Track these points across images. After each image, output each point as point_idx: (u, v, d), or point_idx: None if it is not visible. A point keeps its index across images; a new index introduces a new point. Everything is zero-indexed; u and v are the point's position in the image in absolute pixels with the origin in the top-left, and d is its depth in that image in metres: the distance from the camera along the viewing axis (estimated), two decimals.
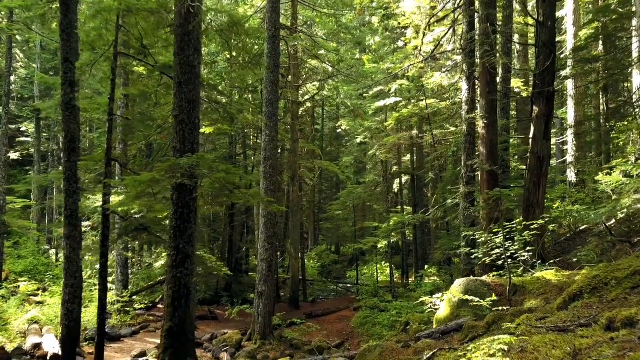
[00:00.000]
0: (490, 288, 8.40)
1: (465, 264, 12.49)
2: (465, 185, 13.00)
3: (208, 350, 13.05)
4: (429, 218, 14.41)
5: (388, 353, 7.36)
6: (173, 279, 6.75)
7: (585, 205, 19.35)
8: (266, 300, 14.00)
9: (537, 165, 12.30)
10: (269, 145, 14.16)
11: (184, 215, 6.83)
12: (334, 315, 19.58)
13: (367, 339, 15.75)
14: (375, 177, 26.39)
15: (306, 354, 14.04)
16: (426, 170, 23.24)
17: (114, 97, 9.38)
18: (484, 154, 12.54)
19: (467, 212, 12.78)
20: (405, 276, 26.40)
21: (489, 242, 8.80)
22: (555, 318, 4.82)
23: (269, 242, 14.06)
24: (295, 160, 20.86)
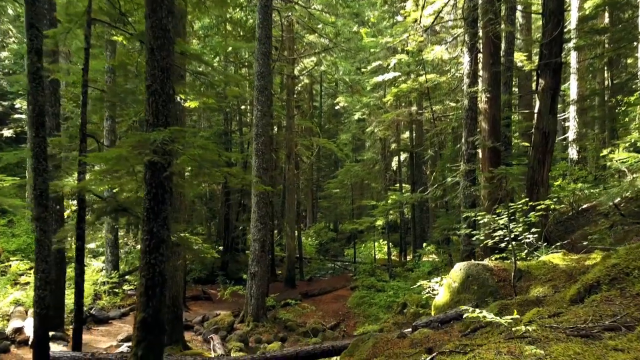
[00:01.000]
0: (492, 273, 7.73)
1: (465, 244, 11.82)
2: (466, 163, 12.25)
3: (198, 333, 12.47)
4: (427, 197, 13.70)
5: (382, 344, 6.71)
6: (147, 266, 6.05)
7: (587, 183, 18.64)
8: (259, 282, 13.39)
9: (542, 142, 11.54)
10: (261, 121, 13.38)
11: (157, 196, 6.09)
12: (330, 294, 19.02)
13: (364, 320, 15.21)
14: (374, 155, 25.61)
15: (300, 336, 13.50)
16: (425, 148, 22.47)
17: (87, 67, 8.58)
18: (486, 129, 11.76)
19: (468, 191, 12.06)
20: (403, 254, 25.83)
21: (492, 223, 8.10)
22: (573, 316, 4.13)
23: (261, 222, 13.38)
24: (291, 137, 20.06)
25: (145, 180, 6.21)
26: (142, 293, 6.12)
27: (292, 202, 20.45)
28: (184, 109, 14.91)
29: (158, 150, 6.00)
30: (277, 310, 14.98)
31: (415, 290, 15.26)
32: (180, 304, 10.70)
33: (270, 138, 16.47)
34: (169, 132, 5.76)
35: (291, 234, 20.27)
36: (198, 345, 11.81)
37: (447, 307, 7.97)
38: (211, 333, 12.23)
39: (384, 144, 25.09)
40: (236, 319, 13.85)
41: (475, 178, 12.34)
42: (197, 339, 12.22)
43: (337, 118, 40.42)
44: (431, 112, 18.99)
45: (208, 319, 13.53)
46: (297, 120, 24.62)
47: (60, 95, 11.66)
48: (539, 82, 12.17)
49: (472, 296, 7.63)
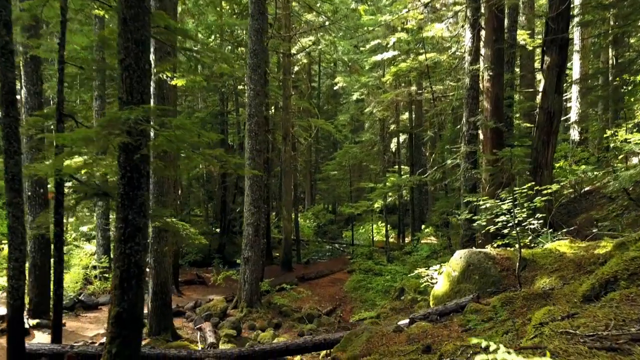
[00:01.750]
0: (495, 262, 7.21)
1: (466, 229, 11.31)
2: (467, 144, 11.67)
3: (190, 320, 12.02)
4: (426, 180, 13.15)
5: (377, 339, 6.22)
6: (121, 256, 5.53)
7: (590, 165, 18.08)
8: (253, 266, 12.91)
9: (546, 122, 10.94)
10: (254, 100, 12.75)
11: (133, 180, 5.53)
12: (327, 278, 18.59)
13: (360, 305, 14.78)
14: (372, 136, 24.98)
15: (295, 322, 13.06)
16: (425, 128, 21.84)
17: (64, 42, 7.95)
18: (489, 109, 11.15)
19: (468, 174, 11.50)
20: (402, 236, 25.38)
21: (494, 208, 7.56)
22: (591, 319, 3.60)
23: (255, 206, 12.85)
24: (288, 118, 19.42)
25: (119, 163, 5.65)
26: (117, 285, 5.61)
27: (289, 185, 19.90)
28: (174, 89, 14.28)
29: (133, 131, 5.43)
30: (272, 295, 14.54)
31: (413, 274, 14.82)
32: (169, 290, 10.23)
33: (264, 119, 15.85)
34: (142, 111, 5.17)
35: (288, 217, 19.77)
36: (189, 333, 11.37)
37: (447, 298, 7.47)
38: (203, 320, 11.78)
39: (383, 125, 24.45)
40: (229, 304, 13.40)
41: (476, 160, 11.77)
42: (189, 325, 11.78)
43: (336, 99, 39.65)
44: (431, 92, 18.33)
45: (200, 304, 13.08)
46: (294, 100, 23.94)
47: (42, 73, 11.01)
48: (544, 59, 11.52)
49: (473, 286, 7.12)
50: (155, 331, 9.99)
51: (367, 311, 12.31)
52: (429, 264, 14.77)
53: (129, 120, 5.21)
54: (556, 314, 4.09)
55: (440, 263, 8.63)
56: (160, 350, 7.14)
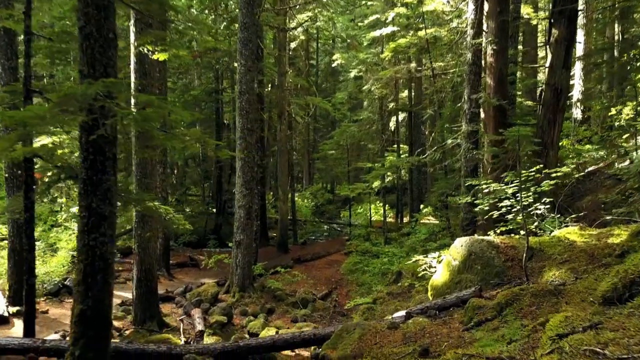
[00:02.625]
0: (499, 251, 6.59)
1: (466, 212, 10.68)
2: (468, 123, 10.97)
3: (179, 306, 11.49)
4: (426, 160, 12.47)
5: (370, 337, 5.63)
6: (85, 249, 4.92)
7: (594, 144, 17.39)
8: (245, 250, 12.33)
9: (553, 99, 10.24)
10: (245, 76, 12.00)
11: (96, 163, 4.88)
12: (323, 259, 18.05)
13: (357, 288, 14.26)
14: (370, 115, 24.19)
15: (289, 306, 12.54)
16: (424, 106, 21.06)
17: (29, 10, 7.21)
18: (492, 86, 10.42)
19: (469, 154, 10.82)
20: (400, 216, 24.83)
21: (498, 192, 6.92)
22: (621, 333, 2.99)
23: (247, 187, 12.21)
24: (283, 95, 18.64)
25: (81, 144, 4.99)
26: (80, 281, 5.00)
27: (284, 165, 19.23)
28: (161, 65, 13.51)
29: (95, 109, 4.75)
30: (266, 278, 14.00)
31: (410, 263, 14.26)
32: (155, 277, 9.65)
33: (257, 96, 15.11)
34: (102, 85, 4.48)
35: (284, 198, 19.16)
36: (178, 320, 10.84)
37: (446, 289, 6.88)
38: (193, 306, 11.24)
39: (382, 103, 23.65)
40: (221, 288, 12.87)
41: (477, 140, 11.08)
42: (178, 312, 11.24)
43: (335, 76, 38.72)
44: (431, 69, 17.51)
45: (191, 289, 12.53)
46: (291, 78, 23.11)
47: (17, 47, 10.26)
48: (551, 32, 10.73)
49: (474, 277, 6.52)
50: (140, 320, 9.44)
51: (362, 297, 11.77)
52: (427, 247, 14.22)
53: (87, 96, 4.53)
54: (575, 321, 3.47)
55: (439, 250, 8.00)
56: (138, 345, 6.58)
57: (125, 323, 9.57)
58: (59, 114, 4.37)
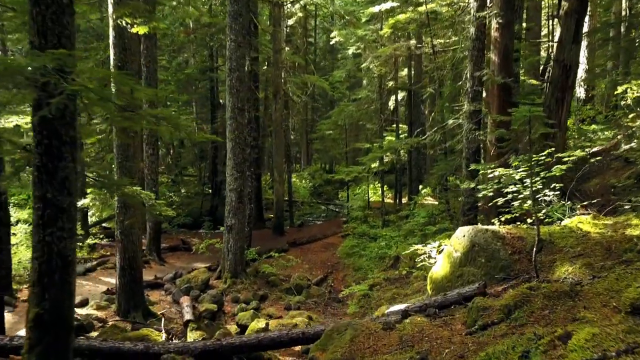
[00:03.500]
0: (505, 242, 5.98)
1: (467, 196, 10.05)
2: (471, 102, 10.26)
3: (168, 293, 10.95)
4: (425, 142, 11.79)
5: (363, 339, 5.06)
6: (40, 245, 4.31)
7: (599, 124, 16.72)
8: (237, 235, 11.76)
9: (561, 76, 9.52)
10: (235, 53, 11.26)
11: (52, 148, 4.24)
12: (319, 242, 17.50)
13: (353, 273, 13.72)
14: (369, 94, 23.36)
15: (283, 292, 12.02)
16: (424, 84, 20.28)
17: None
18: (496, 62, 9.70)
19: (472, 135, 10.14)
20: (398, 196, 24.24)
21: (505, 178, 6.28)
22: None
23: (238, 170, 11.57)
24: (278, 73, 17.85)
25: (33, 126, 4.33)
26: (36, 281, 4.40)
27: (280, 145, 18.54)
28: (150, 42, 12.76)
29: (50, 86, 4.09)
30: (260, 263, 13.45)
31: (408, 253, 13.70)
32: (139, 265, 9.07)
33: (250, 74, 14.36)
34: (50, 58, 3.80)
35: (279, 179, 18.52)
36: (166, 308, 10.31)
37: (447, 282, 6.29)
38: (182, 293, 10.72)
39: (381, 81, 22.82)
40: (213, 274, 12.33)
41: (480, 120, 10.40)
42: (166, 299, 10.71)
43: (333, 55, 37.72)
44: (431, 45, 16.69)
45: (181, 275, 11.98)
46: (288, 56, 22.26)
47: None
48: (560, 5, 9.97)
49: (478, 271, 5.92)
50: (124, 310, 8.91)
51: (359, 283, 11.23)
52: (425, 231, 13.64)
53: (35, 70, 3.85)
54: (605, 341, 2.87)
55: (438, 238, 7.38)
56: (113, 342, 6.03)
57: (109, 313, 9.04)
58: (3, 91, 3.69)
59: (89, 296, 10.08)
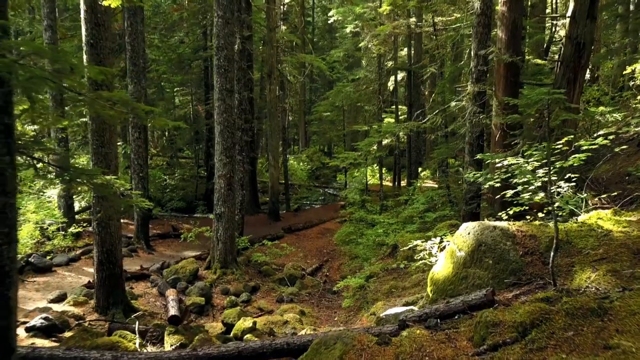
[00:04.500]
0: (515, 242, 5.25)
1: (470, 183, 9.29)
2: (475, 83, 9.44)
3: (154, 285, 10.28)
4: (426, 126, 10.99)
5: (354, 356, 4.36)
6: None
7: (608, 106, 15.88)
8: (226, 223, 11.05)
9: (574, 55, 8.68)
10: (223, 30, 10.40)
11: None
12: (316, 228, 16.85)
13: (349, 262, 13.07)
14: (367, 74, 22.45)
15: (275, 283, 11.38)
16: (424, 65, 19.37)
17: None
18: (504, 39, 8.85)
19: (476, 119, 9.35)
20: (397, 179, 23.53)
21: (518, 169, 5.54)
22: None
23: (227, 155, 10.82)
24: (273, 53, 16.94)
25: None
26: None
27: (275, 128, 17.73)
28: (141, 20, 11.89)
29: None
30: (252, 251, 12.79)
31: (407, 228, 13.01)
32: (118, 259, 8.37)
33: (241, 53, 13.49)
34: None
35: (274, 163, 17.75)
36: (151, 302, 9.67)
37: (449, 284, 5.58)
38: (169, 285, 10.06)
39: (380, 61, 21.89)
40: (202, 263, 11.67)
41: (485, 102, 9.59)
42: (152, 292, 10.05)
43: (332, 34, 36.63)
44: (432, 23, 15.77)
45: (169, 265, 11.31)
46: (284, 35, 21.30)
47: None
48: None
49: (485, 273, 5.21)
50: (103, 306, 8.25)
51: (355, 272, 10.57)
52: (425, 219, 12.94)
53: None
54: None
55: (441, 236, 6.64)
56: (78, 352, 5.35)
57: (87, 309, 8.37)
58: None
59: (69, 290, 9.41)
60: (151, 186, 21.95)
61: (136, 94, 12.52)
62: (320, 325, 8.93)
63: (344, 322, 9.20)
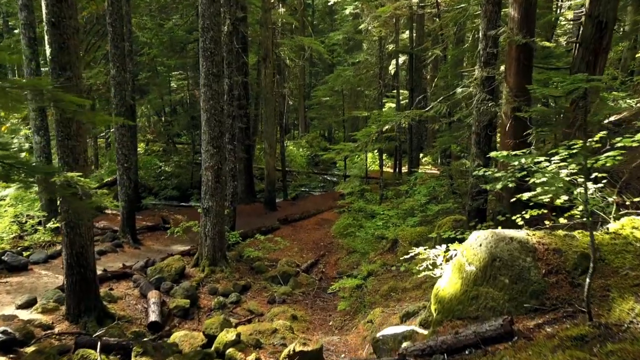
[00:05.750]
0: (536, 257, 4.36)
1: (477, 177, 8.35)
2: (483, 67, 8.44)
3: (137, 285, 9.45)
4: (429, 114, 10.02)
5: None
6: None
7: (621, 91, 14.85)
8: (215, 218, 10.19)
9: (594, 36, 7.68)
10: (208, 9, 9.41)
11: None
12: (313, 219, 16.00)
13: (347, 256, 12.24)
14: (368, 57, 21.34)
15: (268, 282, 10.55)
16: (426, 48, 18.27)
17: None
18: (516, 18, 7.85)
19: (484, 106, 8.38)
20: (398, 164, 22.60)
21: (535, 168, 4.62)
22: None
23: (214, 145, 9.90)
24: (268, 35, 15.90)
25: None
26: None
27: (270, 114, 16.75)
28: None
29: None
30: (244, 246, 11.94)
31: (408, 222, 12.13)
32: (90, 262, 7.50)
33: (231, 35, 12.47)
34: None
35: (270, 151, 16.83)
36: (132, 304, 8.85)
37: (457, 304, 4.71)
38: (152, 286, 9.24)
39: (381, 44, 20.77)
40: (191, 259, 10.85)
41: (494, 89, 8.61)
42: (133, 293, 9.21)
43: (332, 17, 35.32)
44: (436, 4, 14.69)
45: (153, 263, 10.45)
46: (280, 16, 20.18)
47: None
48: None
49: (500, 294, 4.34)
50: (74, 314, 7.43)
51: (349, 277, 9.69)
52: (427, 212, 12.06)
53: None
54: None
55: (447, 244, 5.74)
56: None
57: (57, 317, 7.55)
58: None
59: (43, 292, 8.58)
60: (146, 174, 21.10)
61: (119, 79, 11.55)
62: (314, 332, 8.12)
63: (339, 327, 8.38)
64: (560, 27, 23.18)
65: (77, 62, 7.04)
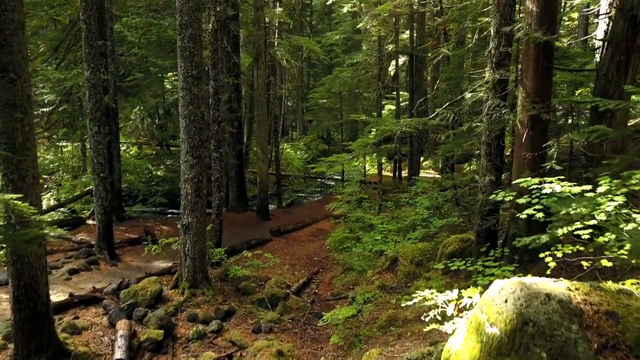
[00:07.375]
0: (583, 324, 3.21)
1: (488, 194, 7.21)
2: (495, 69, 7.30)
3: (106, 312, 8.33)
4: (434, 123, 8.88)
5: None
6: None
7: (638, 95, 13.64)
8: (195, 236, 9.07)
9: (626, 32, 6.53)
10: (186, 4, 8.28)
11: None
12: (308, 229, 14.87)
13: (343, 275, 11.11)
14: (366, 58, 20.22)
15: (254, 305, 9.44)
16: (427, 48, 17.15)
17: None
18: (535, 12, 6.70)
19: (496, 113, 7.24)
20: (398, 168, 21.50)
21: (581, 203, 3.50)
22: None
23: (193, 155, 8.78)
24: (260, 34, 14.77)
25: None
26: None
27: (262, 117, 15.62)
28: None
29: None
30: (231, 263, 10.81)
31: (409, 237, 11.01)
32: (42, 295, 6.38)
33: (216, 32, 11.33)
34: None
35: (263, 157, 15.71)
36: (97, 336, 7.73)
37: None
38: (123, 314, 8.12)
39: (380, 45, 19.65)
40: (171, 278, 9.72)
41: (507, 94, 7.47)
42: (101, 322, 8.07)
43: (331, 17, 34.20)
44: (438, 1, 13.56)
45: (128, 285, 9.30)
46: (277, 16, 19.06)
47: None
48: None
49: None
50: (23, 354, 6.31)
51: (344, 309, 8.53)
52: (430, 227, 10.94)
53: None
54: None
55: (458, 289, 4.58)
56: None
57: (3, 358, 6.44)
58: None
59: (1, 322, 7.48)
60: (136, 178, 20.01)
61: (93, 81, 10.43)
62: None
63: None
64: (564, 27, 22.04)
65: (23, 63, 5.92)
